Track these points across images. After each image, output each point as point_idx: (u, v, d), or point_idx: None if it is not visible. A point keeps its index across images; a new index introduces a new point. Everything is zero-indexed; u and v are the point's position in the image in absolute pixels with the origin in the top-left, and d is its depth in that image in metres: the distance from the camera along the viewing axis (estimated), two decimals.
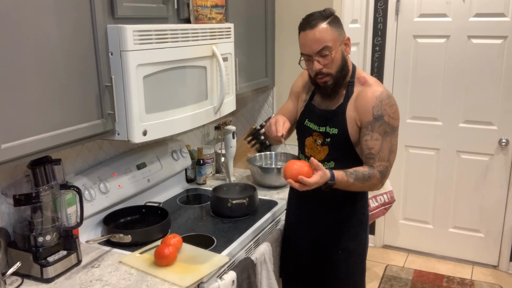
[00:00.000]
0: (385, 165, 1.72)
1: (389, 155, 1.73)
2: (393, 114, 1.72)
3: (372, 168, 1.71)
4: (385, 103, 1.71)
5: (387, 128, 1.71)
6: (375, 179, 1.71)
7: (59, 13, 1.40)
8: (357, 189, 1.74)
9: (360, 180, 1.69)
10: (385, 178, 1.75)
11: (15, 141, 1.31)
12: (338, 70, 1.73)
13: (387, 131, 1.71)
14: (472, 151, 3.32)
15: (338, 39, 1.70)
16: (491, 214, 3.37)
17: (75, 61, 1.47)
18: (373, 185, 1.73)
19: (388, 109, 1.71)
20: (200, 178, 2.55)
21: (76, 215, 1.80)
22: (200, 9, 1.94)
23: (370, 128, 1.71)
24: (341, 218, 1.88)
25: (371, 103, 1.71)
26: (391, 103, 1.72)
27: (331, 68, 1.71)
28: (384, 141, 1.71)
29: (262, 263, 1.94)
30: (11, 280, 1.58)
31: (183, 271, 1.64)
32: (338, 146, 1.79)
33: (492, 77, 3.15)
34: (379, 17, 3.35)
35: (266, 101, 2.94)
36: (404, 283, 3.26)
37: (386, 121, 1.71)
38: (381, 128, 1.70)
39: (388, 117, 1.71)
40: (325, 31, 1.67)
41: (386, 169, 1.73)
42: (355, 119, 1.75)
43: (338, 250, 1.89)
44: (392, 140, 1.73)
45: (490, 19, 3.07)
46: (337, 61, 1.72)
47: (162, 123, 1.76)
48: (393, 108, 1.72)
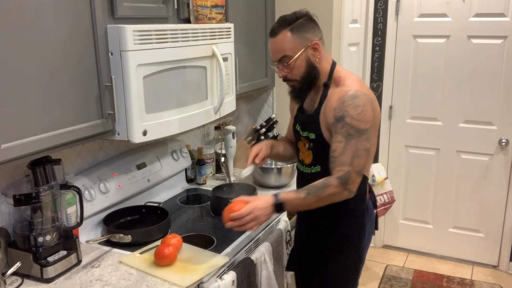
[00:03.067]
0: (346, 170, 1.58)
1: (352, 159, 1.59)
2: (357, 116, 1.59)
3: (328, 178, 1.61)
4: (347, 104, 1.60)
5: (351, 130, 1.59)
6: (332, 188, 1.59)
7: (59, 13, 1.40)
8: (316, 203, 1.62)
9: (313, 193, 1.60)
10: (351, 184, 1.60)
11: (15, 141, 1.31)
12: (302, 77, 1.70)
13: (351, 133, 1.59)
14: (472, 151, 3.32)
15: (300, 46, 1.66)
16: (491, 214, 3.37)
17: (75, 61, 1.47)
18: (333, 194, 1.60)
19: (351, 110, 1.60)
20: (200, 178, 2.55)
21: (76, 215, 1.80)
22: (200, 9, 1.94)
23: (334, 130, 1.64)
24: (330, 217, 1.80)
25: (334, 105, 1.64)
26: (355, 103, 1.60)
27: (293, 75, 1.70)
28: (348, 144, 1.59)
29: (262, 263, 1.94)
30: (11, 280, 1.58)
31: (183, 271, 1.64)
32: (319, 150, 1.74)
33: (492, 77, 3.15)
34: (379, 17, 3.35)
35: (266, 101, 2.95)
36: (404, 283, 3.26)
37: (348, 122, 1.59)
38: (343, 129, 1.60)
39: (351, 119, 1.59)
40: (284, 40, 1.66)
41: (348, 175, 1.58)
42: (325, 122, 1.69)
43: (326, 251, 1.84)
44: (358, 144, 1.59)
45: (490, 19, 3.07)
46: (298, 68, 1.68)
47: (162, 123, 1.76)
48: (357, 109, 1.59)
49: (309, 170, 1.80)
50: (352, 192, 1.63)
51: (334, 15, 2.65)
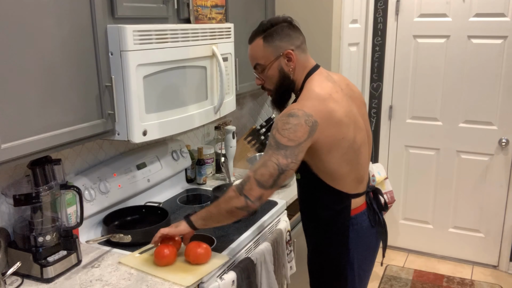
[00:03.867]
0: (248, 175, 1.54)
1: (259, 167, 1.53)
2: (282, 131, 1.52)
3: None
4: (281, 119, 1.54)
5: (272, 141, 1.54)
6: (229, 191, 1.56)
7: (59, 13, 1.40)
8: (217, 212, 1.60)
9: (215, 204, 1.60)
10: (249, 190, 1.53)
11: (15, 141, 1.31)
12: (276, 87, 1.67)
13: (271, 144, 1.54)
14: (472, 151, 3.32)
15: (271, 55, 1.63)
16: (491, 214, 3.37)
17: (75, 61, 1.47)
18: (228, 199, 1.56)
19: (280, 124, 1.53)
20: (200, 178, 2.55)
21: (76, 215, 1.80)
22: (200, 9, 1.94)
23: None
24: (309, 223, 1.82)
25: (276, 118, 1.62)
26: (287, 120, 1.52)
27: (267, 84, 1.69)
28: (266, 154, 1.54)
29: (262, 263, 1.94)
30: (11, 280, 1.58)
31: (183, 271, 1.64)
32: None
33: (492, 77, 3.15)
34: (379, 17, 3.35)
35: (266, 101, 2.94)
36: (404, 283, 3.26)
37: (273, 134, 1.54)
38: (269, 140, 1.56)
39: (276, 131, 1.53)
40: (257, 48, 1.64)
41: (247, 179, 1.54)
42: None
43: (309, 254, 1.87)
44: (272, 156, 1.52)
45: (490, 19, 3.07)
46: (271, 77, 1.66)
47: (162, 123, 1.76)
48: (286, 125, 1.52)
49: (296, 176, 1.78)
50: (251, 201, 1.53)
51: (334, 15, 2.65)
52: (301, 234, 2.54)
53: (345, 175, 1.66)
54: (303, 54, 1.67)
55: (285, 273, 2.21)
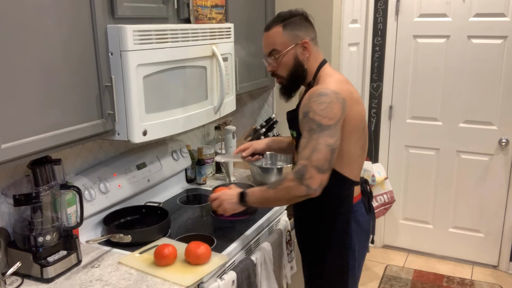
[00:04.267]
0: (304, 163, 1.56)
1: (311, 153, 1.56)
2: (320, 111, 1.58)
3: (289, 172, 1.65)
4: (313, 100, 1.60)
5: (313, 125, 1.58)
6: (287, 181, 1.59)
7: (59, 13, 1.40)
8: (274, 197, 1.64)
9: (272, 187, 1.63)
10: (308, 179, 1.55)
11: (15, 141, 1.31)
12: (289, 74, 1.73)
13: (313, 128, 1.58)
14: (472, 151, 3.32)
15: (289, 43, 1.70)
16: (491, 214, 3.37)
17: (75, 61, 1.47)
18: (288, 188, 1.59)
19: (315, 106, 1.59)
20: (200, 178, 2.55)
21: (76, 215, 1.80)
22: (200, 9, 1.94)
23: (301, 126, 1.64)
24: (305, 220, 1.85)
25: (303, 102, 1.65)
26: (320, 100, 1.59)
27: (281, 71, 1.74)
28: (310, 138, 1.58)
29: (262, 263, 1.94)
30: (11, 280, 1.58)
31: (183, 270, 1.64)
32: None
33: (492, 77, 3.15)
34: (379, 17, 3.35)
35: (266, 101, 2.94)
36: (404, 283, 3.26)
37: (311, 117, 1.58)
38: (307, 125, 1.60)
39: (314, 114, 1.58)
40: (276, 34, 1.71)
41: (305, 168, 1.55)
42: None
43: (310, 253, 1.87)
44: (319, 139, 1.56)
45: (490, 19, 3.07)
46: (286, 65, 1.72)
47: (162, 123, 1.76)
48: (321, 105, 1.58)
49: None
50: (312, 189, 1.56)
51: (334, 15, 2.65)
52: None
53: (356, 160, 1.74)
54: (315, 46, 1.76)
55: (286, 273, 2.21)
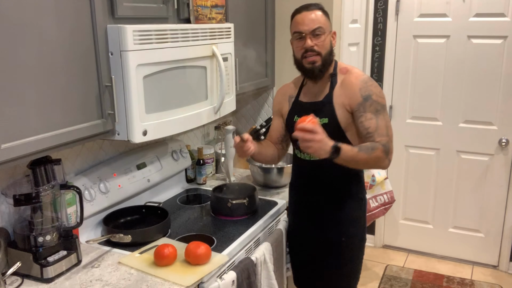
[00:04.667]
0: (386, 139, 1.76)
1: (387, 130, 1.78)
2: (379, 93, 1.82)
3: (374, 142, 1.75)
4: (369, 84, 1.81)
5: (378, 106, 1.79)
6: (378, 151, 1.72)
7: (59, 13, 1.40)
8: (363, 162, 1.72)
9: (364, 151, 1.70)
10: (390, 153, 1.76)
11: (15, 141, 1.31)
12: (326, 53, 1.84)
13: (378, 109, 1.79)
14: (472, 151, 3.32)
15: (328, 27, 1.85)
16: (491, 214, 3.37)
17: (75, 61, 1.47)
18: (378, 158, 1.72)
19: (374, 89, 1.81)
20: (200, 178, 2.55)
21: (76, 215, 1.80)
22: (200, 9, 1.94)
23: (362, 109, 1.79)
24: (339, 205, 1.94)
25: (357, 86, 1.81)
26: (374, 84, 1.83)
27: (321, 48, 1.82)
28: (378, 118, 1.78)
29: (262, 263, 1.94)
30: (11, 280, 1.58)
31: (183, 271, 1.64)
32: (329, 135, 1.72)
33: (492, 77, 3.15)
34: (379, 17, 3.35)
35: (266, 101, 2.94)
36: (404, 283, 3.26)
37: (375, 100, 1.79)
38: (372, 107, 1.78)
39: (376, 96, 1.80)
40: (320, 15, 1.83)
41: (388, 143, 1.76)
42: (344, 105, 1.82)
43: (342, 237, 1.95)
44: (385, 117, 1.80)
45: (490, 19, 3.07)
46: (326, 44, 1.83)
47: (162, 123, 1.76)
48: (378, 88, 1.83)
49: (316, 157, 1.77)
50: (390, 162, 1.78)
51: (334, 15, 2.65)
52: None
53: None
54: None
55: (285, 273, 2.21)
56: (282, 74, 2.85)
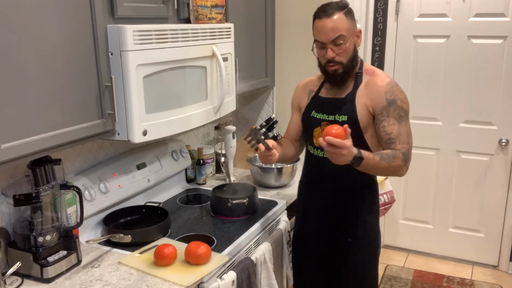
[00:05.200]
0: (406, 147, 1.75)
1: (408, 137, 1.77)
2: (404, 99, 1.79)
3: (394, 150, 1.74)
4: (395, 89, 1.78)
5: (401, 112, 1.77)
6: (399, 160, 1.72)
7: (59, 13, 1.40)
8: (383, 170, 1.72)
9: (385, 159, 1.70)
10: (408, 161, 1.76)
11: (15, 141, 1.31)
12: (349, 60, 1.78)
13: (402, 115, 1.77)
14: (472, 151, 3.32)
15: (352, 30, 1.76)
16: (491, 214, 3.37)
17: (75, 61, 1.47)
18: (398, 167, 1.72)
19: (399, 94, 1.78)
20: (200, 178, 2.55)
21: (76, 215, 1.80)
22: (200, 9, 1.94)
23: (385, 113, 1.76)
24: (350, 205, 1.91)
25: (383, 89, 1.78)
26: (400, 89, 1.80)
27: (343, 57, 1.76)
28: (401, 125, 1.76)
29: (262, 263, 1.94)
30: (11, 280, 1.58)
31: (183, 270, 1.64)
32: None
33: (492, 77, 3.15)
34: (379, 17, 3.35)
35: (266, 101, 2.95)
36: (404, 283, 3.26)
37: (399, 105, 1.77)
38: (395, 112, 1.76)
39: (401, 102, 1.77)
40: (341, 20, 1.72)
41: (408, 151, 1.76)
42: (366, 106, 1.79)
43: (348, 238, 1.92)
44: (407, 124, 1.79)
45: (490, 19, 3.07)
46: (349, 51, 1.77)
47: (162, 123, 1.76)
48: (403, 94, 1.80)
49: None
50: (406, 171, 1.77)
51: None
52: None
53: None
54: None
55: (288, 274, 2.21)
56: (282, 74, 2.85)
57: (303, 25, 2.70)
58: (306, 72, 2.74)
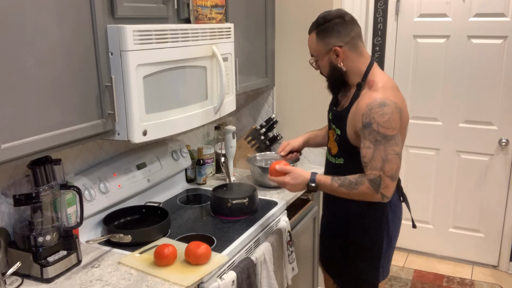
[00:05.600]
0: (377, 174, 1.67)
1: (383, 164, 1.66)
2: (383, 123, 1.65)
3: (362, 176, 1.71)
4: (374, 111, 1.66)
5: (378, 137, 1.66)
6: (364, 187, 1.69)
7: (59, 13, 1.40)
8: (345, 195, 1.75)
9: (345, 187, 1.73)
10: (384, 188, 1.68)
11: (15, 141, 1.31)
12: (328, 75, 1.85)
13: (378, 139, 1.67)
14: (472, 151, 3.32)
15: (322, 50, 1.80)
16: (491, 214, 3.37)
17: (75, 61, 1.47)
18: (363, 194, 1.70)
19: (377, 117, 1.66)
20: (200, 178, 2.55)
21: (76, 215, 1.80)
22: (200, 9, 1.94)
23: (362, 135, 1.71)
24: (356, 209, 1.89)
25: (362, 110, 1.70)
26: (382, 111, 1.66)
27: (323, 71, 1.87)
28: (377, 149, 1.67)
29: (262, 263, 1.94)
30: (11, 280, 1.58)
31: (183, 270, 1.64)
32: (343, 146, 1.84)
33: (492, 77, 3.15)
34: (379, 17, 3.35)
35: (266, 101, 2.95)
36: (404, 283, 3.26)
37: (375, 129, 1.66)
38: (371, 136, 1.68)
39: (377, 125, 1.66)
40: (311, 41, 1.83)
41: (379, 179, 1.67)
42: (352, 124, 1.77)
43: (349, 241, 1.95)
44: (387, 149, 1.66)
45: (490, 19, 3.07)
46: (323, 67, 1.85)
47: (162, 123, 1.76)
48: (384, 117, 1.65)
49: (333, 160, 1.93)
50: (387, 197, 1.70)
51: None
52: (301, 234, 2.54)
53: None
54: (354, 48, 1.79)
55: (286, 274, 2.21)
56: (282, 74, 2.85)
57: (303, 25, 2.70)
58: (306, 72, 2.75)
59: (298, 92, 2.81)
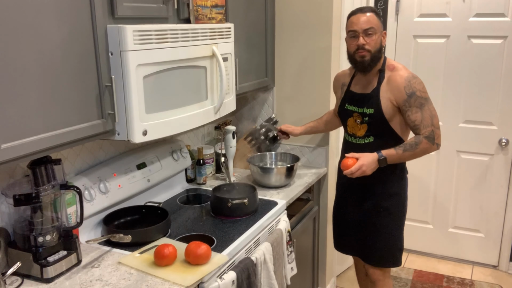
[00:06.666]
0: (430, 129, 2.07)
1: (431, 119, 2.08)
2: (422, 89, 2.10)
3: (417, 137, 2.09)
4: (413, 82, 2.09)
5: (422, 101, 2.08)
6: (423, 144, 2.07)
7: (59, 13, 1.40)
8: (411, 157, 2.10)
9: (409, 150, 2.08)
10: (437, 139, 2.08)
11: (15, 141, 1.31)
12: (375, 50, 2.11)
13: (422, 102, 2.08)
14: (472, 151, 3.32)
15: (380, 27, 2.13)
16: (491, 214, 3.37)
17: (75, 61, 1.47)
18: (425, 149, 2.08)
19: (417, 86, 2.09)
20: (200, 178, 2.55)
21: (76, 215, 1.80)
22: (200, 9, 1.94)
23: (408, 105, 2.09)
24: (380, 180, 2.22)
25: (402, 84, 2.09)
26: (418, 81, 2.11)
27: (371, 46, 2.10)
28: (423, 111, 2.08)
29: (262, 263, 1.94)
30: (11, 280, 1.58)
31: (183, 270, 1.64)
32: (375, 123, 2.16)
33: (492, 77, 3.15)
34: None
35: (266, 101, 2.94)
36: (404, 283, 3.26)
37: (419, 95, 2.08)
38: (416, 102, 2.08)
39: (420, 92, 2.09)
40: (373, 17, 2.11)
41: (433, 132, 2.08)
42: (390, 100, 2.12)
43: (380, 208, 2.25)
44: (430, 107, 2.09)
45: (490, 19, 3.07)
46: (377, 43, 2.11)
47: (162, 123, 1.76)
48: (421, 85, 2.10)
49: (362, 141, 2.22)
50: (439, 145, 2.11)
51: (334, 14, 2.65)
52: (301, 234, 2.54)
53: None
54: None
55: (285, 274, 2.21)
56: (282, 73, 2.85)
57: (303, 25, 2.70)
58: (306, 72, 2.75)
59: (298, 92, 2.81)
